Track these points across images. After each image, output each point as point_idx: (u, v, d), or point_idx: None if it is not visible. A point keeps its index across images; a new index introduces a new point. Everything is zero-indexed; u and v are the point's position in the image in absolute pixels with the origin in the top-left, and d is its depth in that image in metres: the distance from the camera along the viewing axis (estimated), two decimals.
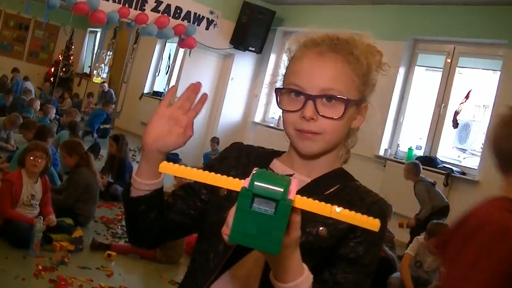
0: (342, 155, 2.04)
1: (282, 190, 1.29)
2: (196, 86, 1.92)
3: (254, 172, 1.34)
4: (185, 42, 14.80)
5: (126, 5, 13.97)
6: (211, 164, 2.09)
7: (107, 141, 15.07)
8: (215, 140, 14.50)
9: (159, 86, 20.46)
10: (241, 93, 16.46)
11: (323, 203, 1.35)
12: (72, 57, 27.53)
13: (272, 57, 16.14)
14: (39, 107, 15.07)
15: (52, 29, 27.34)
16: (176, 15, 14.60)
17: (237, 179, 1.37)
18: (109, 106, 17.69)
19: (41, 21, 24.59)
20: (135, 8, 14.10)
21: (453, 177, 11.32)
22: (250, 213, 1.30)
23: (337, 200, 1.74)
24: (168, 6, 14.46)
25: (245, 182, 1.33)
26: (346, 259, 1.80)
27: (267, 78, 12.18)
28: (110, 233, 7.62)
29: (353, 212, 1.35)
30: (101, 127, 16.65)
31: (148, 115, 1.92)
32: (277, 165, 2.02)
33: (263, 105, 16.29)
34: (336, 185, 1.93)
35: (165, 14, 14.41)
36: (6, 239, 6.23)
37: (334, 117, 1.81)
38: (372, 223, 1.34)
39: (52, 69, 27.31)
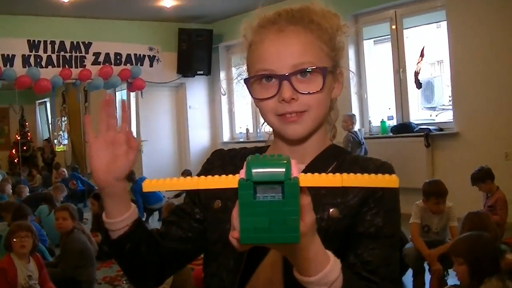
0: (329, 131, 1.93)
1: (284, 170, 1.19)
2: (108, 100, 1.79)
3: (249, 159, 1.23)
4: (133, 85, 14.75)
5: (66, 66, 13.90)
6: None
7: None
8: (186, 173, 14.24)
9: None
10: (202, 118, 16.42)
11: (330, 174, 1.25)
12: (29, 134, 27.30)
13: (222, 74, 16.16)
14: (11, 191, 14.81)
15: (1, 112, 27.17)
16: (118, 62, 14.62)
17: (230, 175, 1.26)
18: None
19: None
20: (76, 67, 14.14)
21: (432, 136, 11.32)
22: (256, 205, 1.19)
23: None
24: (107, 55, 14.48)
25: (241, 174, 1.22)
26: (367, 235, 1.68)
27: (224, 96, 12.20)
28: None
29: (365, 175, 1.25)
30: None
31: None
32: None
33: (227, 123, 16.23)
34: (333, 163, 1.82)
35: (107, 64, 14.38)
36: None
37: (315, 91, 1.70)
38: (389, 180, 1.24)
39: (13, 151, 27.04)
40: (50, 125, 27.23)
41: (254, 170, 1.19)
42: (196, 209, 1.92)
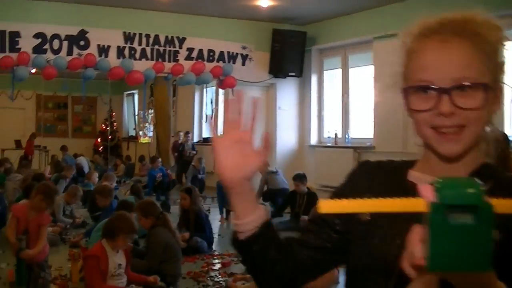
0: (484, 148, 1.82)
1: (477, 192, 1.10)
2: (239, 94, 1.70)
3: (439, 181, 1.14)
4: (224, 82, 14.75)
5: (159, 60, 13.98)
6: (340, 191, 1.86)
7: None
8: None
9: (208, 133, 20.36)
10: (291, 119, 16.33)
11: None
12: (115, 124, 27.67)
13: (314, 78, 16.07)
14: (97, 179, 14.99)
15: (89, 101, 27.66)
16: (210, 58, 14.61)
17: (411, 198, 1.17)
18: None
19: (78, 96, 24.99)
20: (169, 61, 14.19)
21: None
22: (448, 230, 1.09)
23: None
24: (201, 51, 14.49)
25: (426, 196, 1.14)
26: None
27: (314, 99, 12.11)
28: (202, 287, 7.47)
29: None
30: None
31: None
32: (415, 176, 1.76)
33: (316, 127, 16.11)
34: (489, 182, 1.70)
35: (199, 60, 14.40)
36: None
37: (475, 107, 1.59)
38: None
39: (99, 140, 27.48)
40: (136, 116, 27.55)
41: (446, 193, 1.10)
42: (337, 220, 1.83)
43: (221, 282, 7.68)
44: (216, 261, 8.98)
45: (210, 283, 7.63)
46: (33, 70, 13.42)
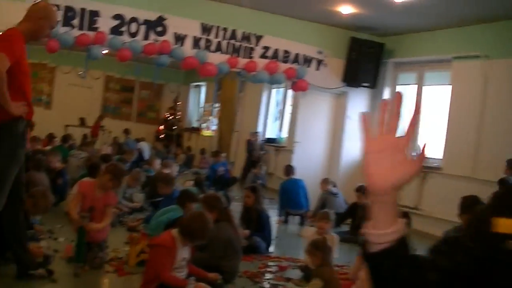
0: None
1: None
2: (399, 96, 1.57)
3: None
4: (297, 85, 14.64)
5: (234, 55, 13.91)
6: None
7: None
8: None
9: (271, 133, 20.27)
10: (359, 131, 15.94)
11: None
12: (179, 113, 27.80)
13: (387, 90, 15.84)
14: (159, 166, 14.96)
15: (156, 88, 27.76)
16: (285, 59, 14.53)
17: None
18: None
19: (146, 82, 25.20)
20: (243, 57, 14.14)
21: None
22: None
23: None
24: (276, 50, 14.41)
25: None
26: None
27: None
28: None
29: None
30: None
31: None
32: None
33: None
34: None
35: (274, 60, 14.30)
36: None
37: None
38: None
39: (161, 127, 27.64)
40: (201, 109, 27.62)
41: None
42: (472, 243, 1.67)
43: (278, 285, 7.53)
44: (273, 263, 8.84)
45: (266, 285, 7.50)
46: (106, 51, 13.43)
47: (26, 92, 5.63)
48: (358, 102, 15.97)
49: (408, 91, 15.45)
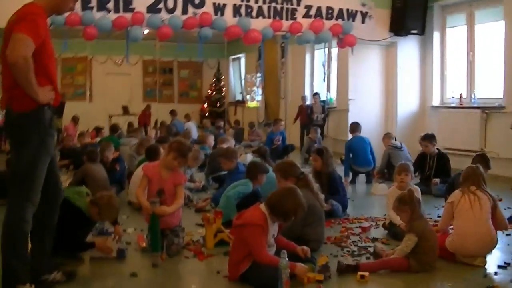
0: None
1: None
2: None
3: None
4: (344, 41, 14.25)
5: (277, 18, 13.53)
6: None
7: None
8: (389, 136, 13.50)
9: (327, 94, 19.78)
10: (412, 79, 15.73)
11: None
12: (223, 89, 27.61)
13: (436, 35, 15.36)
14: (213, 142, 14.64)
15: (195, 66, 27.66)
16: (329, 16, 14.14)
17: None
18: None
19: (184, 61, 24.99)
20: (286, 19, 13.81)
21: None
22: None
23: None
24: (319, 8, 14.04)
25: None
26: None
27: (436, 58, 11.48)
28: (347, 252, 6.95)
29: None
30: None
31: None
32: None
33: (438, 87, 15.37)
34: None
35: (318, 18, 13.91)
36: (251, 284, 5.64)
37: None
38: None
39: (205, 105, 27.46)
40: (243, 81, 27.32)
41: None
42: None
43: (367, 247, 7.13)
44: (354, 225, 8.44)
45: (354, 248, 7.10)
46: (146, 31, 13.10)
47: (52, 75, 5.19)
48: (408, 51, 15.61)
49: (459, 33, 14.95)
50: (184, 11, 12.92)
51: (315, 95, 18.84)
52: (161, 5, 12.74)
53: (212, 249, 6.98)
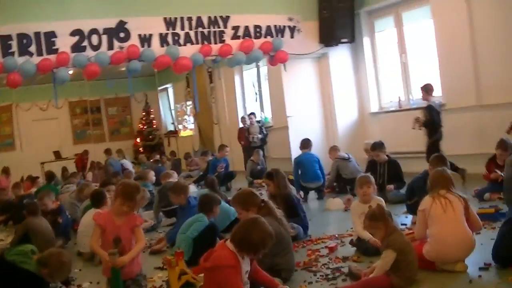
0: None
1: None
2: None
3: None
4: (276, 58, 14.12)
5: (205, 42, 13.25)
6: None
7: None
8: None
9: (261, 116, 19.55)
10: (348, 88, 15.68)
11: None
12: (154, 121, 27.34)
13: (366, 41, 15.36)
14: (154, 178, 14.23)
15: (122, 102, 27.34)
16: (258, 35, 14.04)
17: None
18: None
19: (111, 98, 24.61)
20: (215, 42, 13.58)
21: None
22: None
23: None
24: (247, 28, 13.92)
25: None
26: None
27: (369, 64, 11.37)
28: (321, 277, 6.61)
29: None
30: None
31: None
32: None
33: (375, 93, 15.27)
34: None
35: (247, 38, 13.73)
36: None
37: None
38: None
39: (138, 140, 27.13)
40: (173, 111, 27.06)
41: None
42: None
43: (340, 268, 6.81)
44: (320, 246, 8.12)
45: (327, 271, 6.76)
46: (71, 71, 12.63)
47: None
48: (341, 60, 15.57)
49: (388, 37, 14.93)
50: (110, 47, 12.54)
51: (251, 114, 18.47)
52: (85, 43, 12.33)
53: None
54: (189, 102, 23.93)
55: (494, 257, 6.03)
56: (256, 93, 19.44)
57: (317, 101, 15.78)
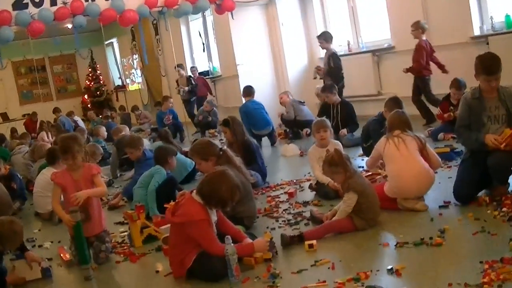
0: None
1: None
2: None
3: None
4: (223, 7, 13.93)
5: None
6: None
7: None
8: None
9: (202, 66, 19.36)
10: (297, 35, 15.65)
11: None
12: (101, 77, 26.91)
13: None
14: (106, 133, 14.14)
15: (67, 59, 26.85)
16: None
17: None
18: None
19: (54, 56, 24.13)
20: None
21: None
22: None
23: None
24: None
25: None
26: None
27: (317, 9, 11.27)
28: (283, 223, 6.63)
29: None
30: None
31: None
32: None
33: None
34: None
35: None
36: (200, 278, 5.26)
37: None
38: None
39: (86, 96, 26.75)
40: (120, 65, 26.68)
41: None
42: None
43: (301, 213, 6.84)
44: (279, 192, 8.15)
45: (289, 217, 6.79)
46: (14, 30, 12.33)
47: None
48: (289, 7, 15.55)
49: None
50: (53, 2, 12.24)
51: (193, 67, 18.35)
52: (27, 0, 11.99)
53: (141, 247, 6.53)
54: (136, 56, 23.64)
55: (455, 195, 6.15)
56: (203, 43, 19.25)
57: (267, 48, 15.74)
